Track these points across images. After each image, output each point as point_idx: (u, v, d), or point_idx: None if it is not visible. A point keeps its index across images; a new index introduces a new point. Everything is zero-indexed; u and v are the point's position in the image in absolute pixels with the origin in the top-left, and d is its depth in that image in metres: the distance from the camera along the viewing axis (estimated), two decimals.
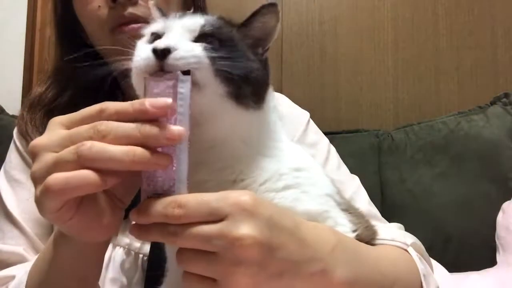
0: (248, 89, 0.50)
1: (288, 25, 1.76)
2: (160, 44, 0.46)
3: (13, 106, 1.64)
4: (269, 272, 0.43)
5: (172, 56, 0.46)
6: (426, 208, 1.36)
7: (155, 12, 0.62)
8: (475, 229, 1.31)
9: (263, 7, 0.54)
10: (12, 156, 0.88)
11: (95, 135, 0.42)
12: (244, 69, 0.49)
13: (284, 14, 1.76)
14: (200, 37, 0.50)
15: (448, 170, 1.37)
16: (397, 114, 1.68)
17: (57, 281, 0.58)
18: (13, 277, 0.67)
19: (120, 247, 0.78)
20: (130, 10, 0.79)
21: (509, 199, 1.28)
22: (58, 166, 0.42)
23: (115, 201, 0.48)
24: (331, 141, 0.98)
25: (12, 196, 0.82)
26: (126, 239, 0.77)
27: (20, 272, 0.66)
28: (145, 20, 0.80)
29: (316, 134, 0.96)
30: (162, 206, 0.43)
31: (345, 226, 0.56)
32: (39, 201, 0.43)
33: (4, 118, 1.52)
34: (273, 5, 0.54)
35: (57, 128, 0.46)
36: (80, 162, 0.41)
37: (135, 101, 0.44)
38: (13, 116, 1.54)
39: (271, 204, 0.47)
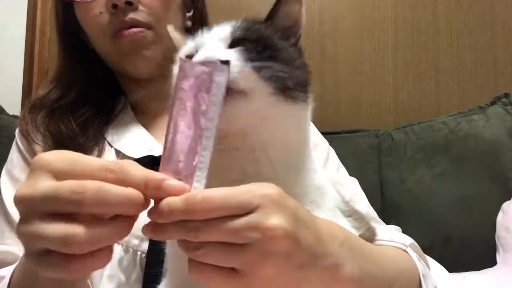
0: (293, 81, 0.50)
1: None
2: (200, 56, 0.46)
3: (13, 106, 1.64)
4: (293, 263, 0.43)
5: None
6: (426, 208, 1.36)
7: (175, 35, 0.61)
8: (475, 229, 1.31)
9: None
10: (13, 155, 0.88)
11: (80, 208, 0.39)
12: (283, 62, 0.49)
13: None
14: (233, 44, 0.51)
15: (448, 170, 1.37)
16: (397, 114, 1.68)
17: None
18: (2, 278, 0.67)
19: (118, 244, 0.77)
20: (131, 15, 0.80)
21: (509, 199, 1.28)
22: (49, 242, 0.39)
23: None
24: (331, 141, 0.99)
25: (12, 196, 0.83)
26: (126, 237, 0.77)
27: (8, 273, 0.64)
28: (146, 25, 0.81)
29: (316, 136, 0.97)
30: (184, 202, 0.41)
31: None
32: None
33: (4, 118, 1.51)
34: None
35: (43, 177, 0.41)
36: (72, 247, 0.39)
37: (150, 176, 0.41)
38: (13, 116, 1.54)
39: (290, 197, 0.47)
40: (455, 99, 1.65)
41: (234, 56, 0.48)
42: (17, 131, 0.90)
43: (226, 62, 0.44)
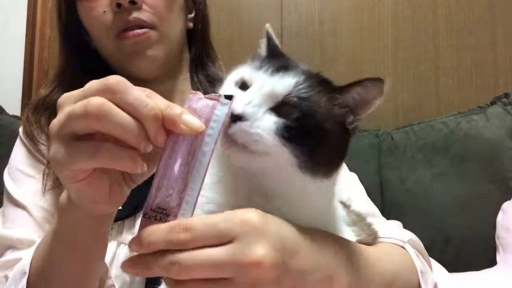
0: (318, 162, 0.48)
1: (288, 25, 1.76)
2: (237, 108, 0.45)
3: (13, 106, 1.64)
4: (284, 286, 0.43)
5: (238, 126, 0.45)
6: (426, 208, 1.36)
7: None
8: (475, 229, 1.31)
9: (368, 79, 0.51)
10: (18, 151, 0.87)
11: (107, 93, 0.41)
12: (316, 143, 0.47)
13: (284, 14, 1.76)
14: (281, 105, 0.48)
15: (448, 170, 1.38)
16: (397, 114, 1.68)
17: (60, 252, 0.58)
18: (19, 259, 0.67)
19: (125, 245, 0.77)
20: (135, 14, 0.80)
21: (509, 199, 1.29)
22: (69, 119, 0.41)
23: (126, 178, 0.47)
24: None
25: (21, 189, 0.82)
26: (131, 236, 0.77)
27: (28, 254, 0.65)
28: (149, 25, 0.81)
29: None
30: (166, 231, 0.41)
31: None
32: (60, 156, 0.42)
33: (4, 118, 1.52)
34: (379, 80, 0.51)
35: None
36: (88, 116, 0.40)
37: (173, 104, 0.42)
38: (13, 116, 1.54)
39: (275, 217, 0.46)
40: (455, 99, 1.65)
41: (267, 125, 0.46)
42: (21, 130, 0.89)
43: (230, 97, 0.43)
